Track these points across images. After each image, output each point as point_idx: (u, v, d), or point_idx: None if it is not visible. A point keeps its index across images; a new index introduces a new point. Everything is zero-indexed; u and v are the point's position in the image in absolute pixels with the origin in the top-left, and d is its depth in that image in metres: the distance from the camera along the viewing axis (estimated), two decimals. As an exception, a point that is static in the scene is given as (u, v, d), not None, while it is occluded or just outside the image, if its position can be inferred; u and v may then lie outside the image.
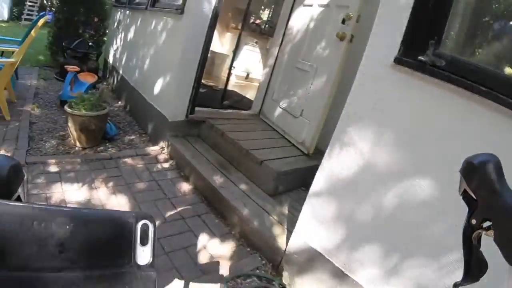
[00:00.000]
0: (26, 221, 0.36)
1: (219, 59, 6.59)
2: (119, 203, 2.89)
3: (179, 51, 3.55)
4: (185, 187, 3.28)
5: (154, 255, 0.45)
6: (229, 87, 5.05)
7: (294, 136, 3.74)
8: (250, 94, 5.65)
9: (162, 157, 3.78)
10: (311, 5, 3.79)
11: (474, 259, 0.69)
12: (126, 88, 5.23)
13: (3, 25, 15.81)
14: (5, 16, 18.09)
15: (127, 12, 5.71)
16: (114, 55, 6.24)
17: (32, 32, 4.48)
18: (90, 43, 6.56)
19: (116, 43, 6.26)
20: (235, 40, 6.32)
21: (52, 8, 15.55)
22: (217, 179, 3.13)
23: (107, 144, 3.88)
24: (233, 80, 6.14)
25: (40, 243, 0.36)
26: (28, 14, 16.78)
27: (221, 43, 7.08)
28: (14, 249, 0.35)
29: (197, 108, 3.88)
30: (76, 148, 3.71)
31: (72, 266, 0.37)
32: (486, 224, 0.66)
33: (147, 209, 2.87)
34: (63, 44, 6.53)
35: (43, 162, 3.33)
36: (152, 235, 0.44)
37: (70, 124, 3.68)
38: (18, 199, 0.50)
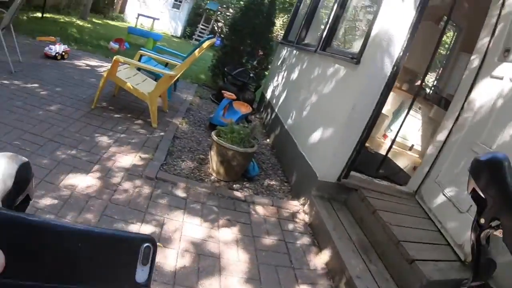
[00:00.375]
0: (41, 233, 0.36)
1: (379, 119, 6.01)
2: (238, 257, 2.52)
3: (347, 106, 3.13)
4: (316, 260, 2.75)
5: (151, 275, 0.44)
6: (384, 153, 4.49)
7: (452, 234, 2.99)
8: (406, 166, 4.97)
9: (299, 216, 3.30)
10: (501, 78, 3.05)
11: (482, 258, 0.67)
12: (278, 127, 5.00)
13: (175, 40, 17.88)
14: (179, 33, 20.70)
15: (294, 51, 5.59)
16: (273, 91, 6.18)
17: (196, 51, 4.62)
18: (251, 74, 6.65)
19: (276, 80, 6.20)
20: (396, 101, 5.76)
21: (221, 35, 16.96)
22: (355, 265, 2.56)
23: (244, 183, 3.59)
24: (390, 145, 5.54)
25: (52, 256, 0.36)
26: (198, 35, 18.67)
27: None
28: (26, 258, 0.34)
29: (352, 173, 3.38)
30: (212, 177, 3.53)
31: (79, 280, 0.37)
32: (495, 223, 0.64)
33: (266, 273, 2.45)
34: (225, 69, 6.75)
35: (174, 183, 3.21)
36: (152, 257, 0.44)
37: (212, 152, 3.52)
38: (27, 198, 0.51)
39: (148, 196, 2.92)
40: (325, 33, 4.01)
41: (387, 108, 6.04)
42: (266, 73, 7.66)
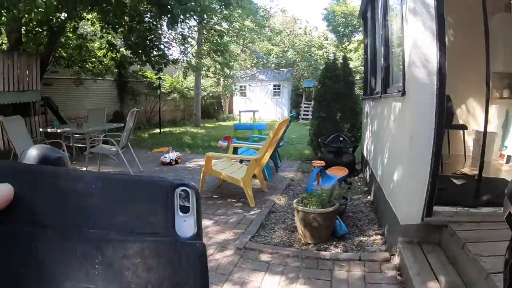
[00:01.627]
0: (48, 179, 0.33)
1: (487, 139, 5.19)
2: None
3: (405, 139, 2.95)
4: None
5: (199, 226, 0.38)
6: (493, 176, 3.94)
7: None
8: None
9: (387, 266, 3.02)
10: None
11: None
12: (373, 182, 4.86)
13: (287, 123, 18.71)
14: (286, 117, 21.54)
15: (371, 103, 5.57)
16: (366, 148, 6.10)
17: (270, 133, 5.00)
18: (342, 138, 6.64)
19: (366, 135, 6.15)
20: (501, 112, 5.10)
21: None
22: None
23: (334, 243, 3.52)
24: (502, 166, 4.79)
25: (61, 198, 0.32)
26: (303, 114, 19.00)
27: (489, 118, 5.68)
28: (34, 204, 0.32)
29: (439, 208, 2.99)
30: (301, 242, 3.57)
31: (95, 225, 0.32)
32: None
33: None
34: (319, 140, 6.89)
35: (260, 250, 3.38)
36: (195, 203, 0.38)
37: (296, 218, 3.65)
38: None
39: (234, 263, 3.16)
40: (382, 76, 3.99)
41: (494, 124, 5.29)
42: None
